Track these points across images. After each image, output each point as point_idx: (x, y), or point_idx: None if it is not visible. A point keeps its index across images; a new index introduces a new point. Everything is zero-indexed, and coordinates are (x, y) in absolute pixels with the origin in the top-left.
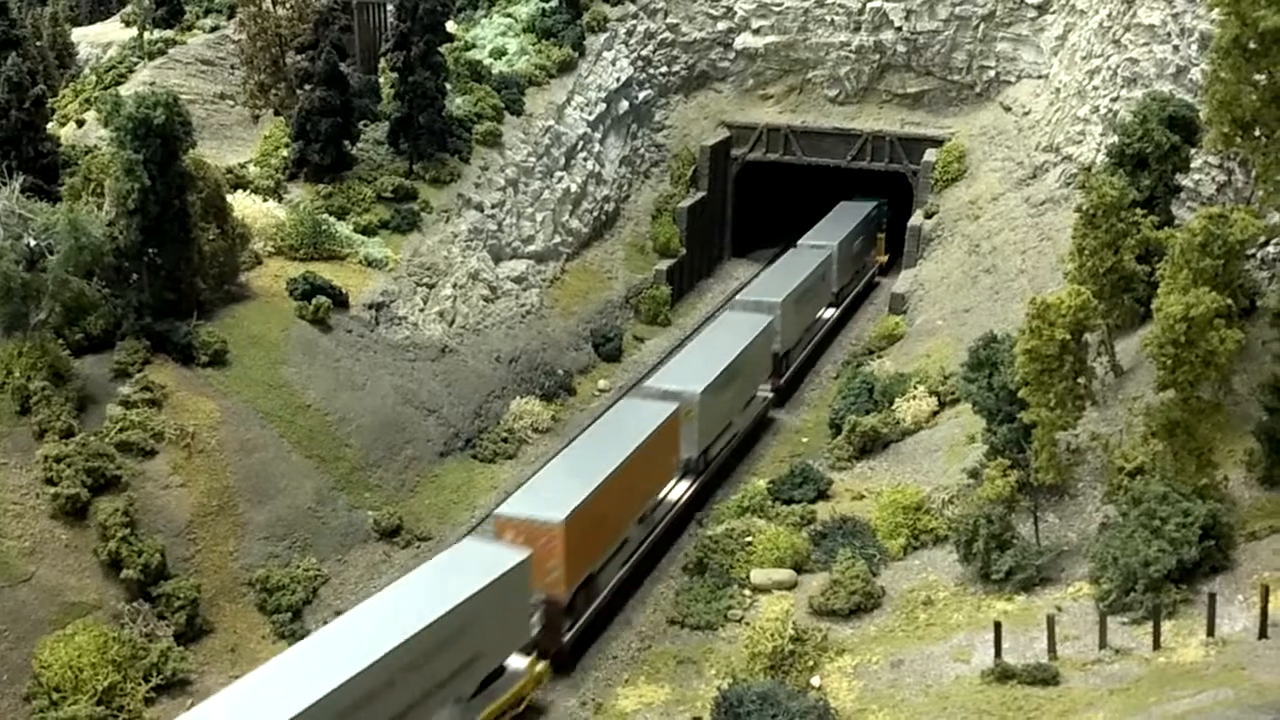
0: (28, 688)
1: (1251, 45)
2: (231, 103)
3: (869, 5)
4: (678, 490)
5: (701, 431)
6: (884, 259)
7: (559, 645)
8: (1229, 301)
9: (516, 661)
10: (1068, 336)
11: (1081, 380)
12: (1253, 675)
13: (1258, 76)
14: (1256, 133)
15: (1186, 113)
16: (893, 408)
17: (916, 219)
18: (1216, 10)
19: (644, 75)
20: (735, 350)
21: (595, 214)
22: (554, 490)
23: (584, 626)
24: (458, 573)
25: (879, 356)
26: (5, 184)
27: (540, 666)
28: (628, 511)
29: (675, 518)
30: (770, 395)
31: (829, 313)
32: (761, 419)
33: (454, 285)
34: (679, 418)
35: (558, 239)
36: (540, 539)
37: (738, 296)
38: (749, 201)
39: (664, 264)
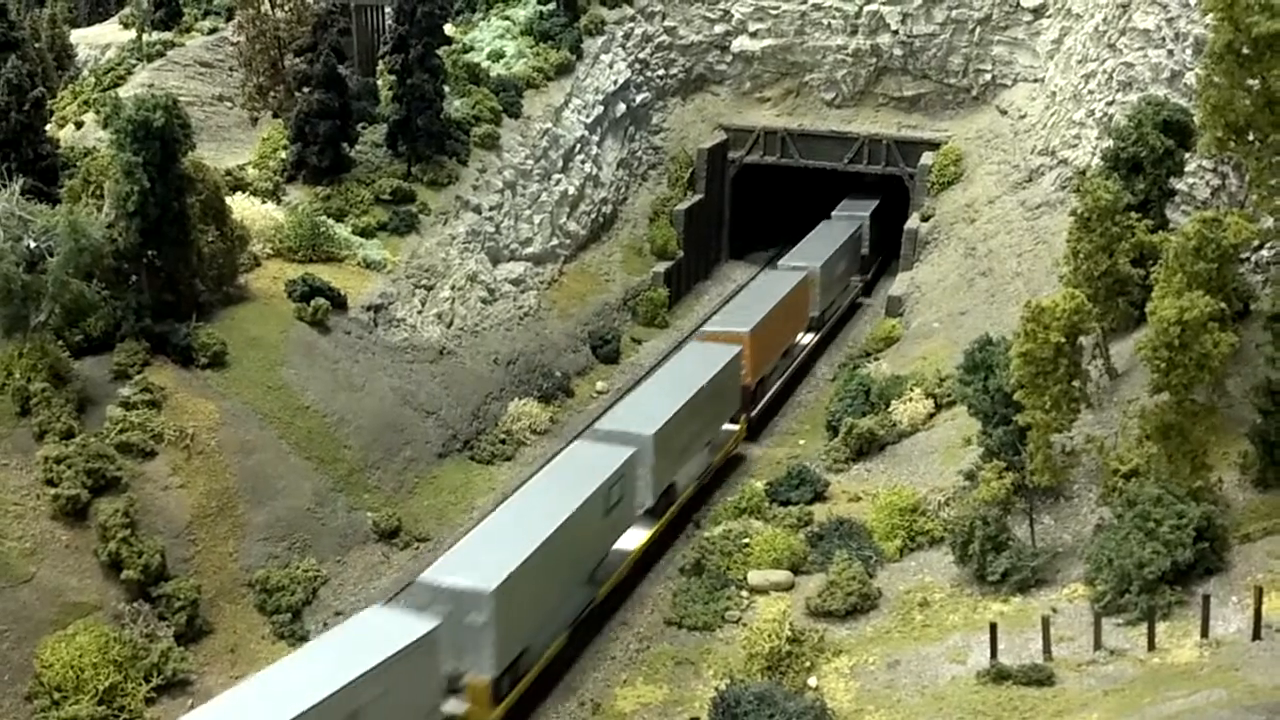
0: (29, 687)
1: (1245, 50)
2: (230, 105)
3: (865, 9)
4: (806, 338)
5: (821, 297)
6: None
7: (750, 418)
8: (1222, 305)
9: (729, 425)
10: (1062, 339)
11: (1076, 383)
12: (1246, 676)
13: (1251, 81)
14: (1250, 137)
15: (1181, 117)
16: (889, 410)
17: (913, 222)
18: (1210, 15)
19: (641, 78)
20: (839, 242)
21: (593, 216)
22: (738, 313)
23: (760, 410)
24: (703, 358)
25: (876, 359)
26: (5, 186)
27: (743, 427)
28: (780, 341)
29: (805, 358)
30: (860, 285)
31: None
32: (855, 301)
33: (452, 287)
34: (806, 284)
35: (555, 241)
36: (734, 343)
37: (833, 212)
38: (746, 204)
39: (661, 266)
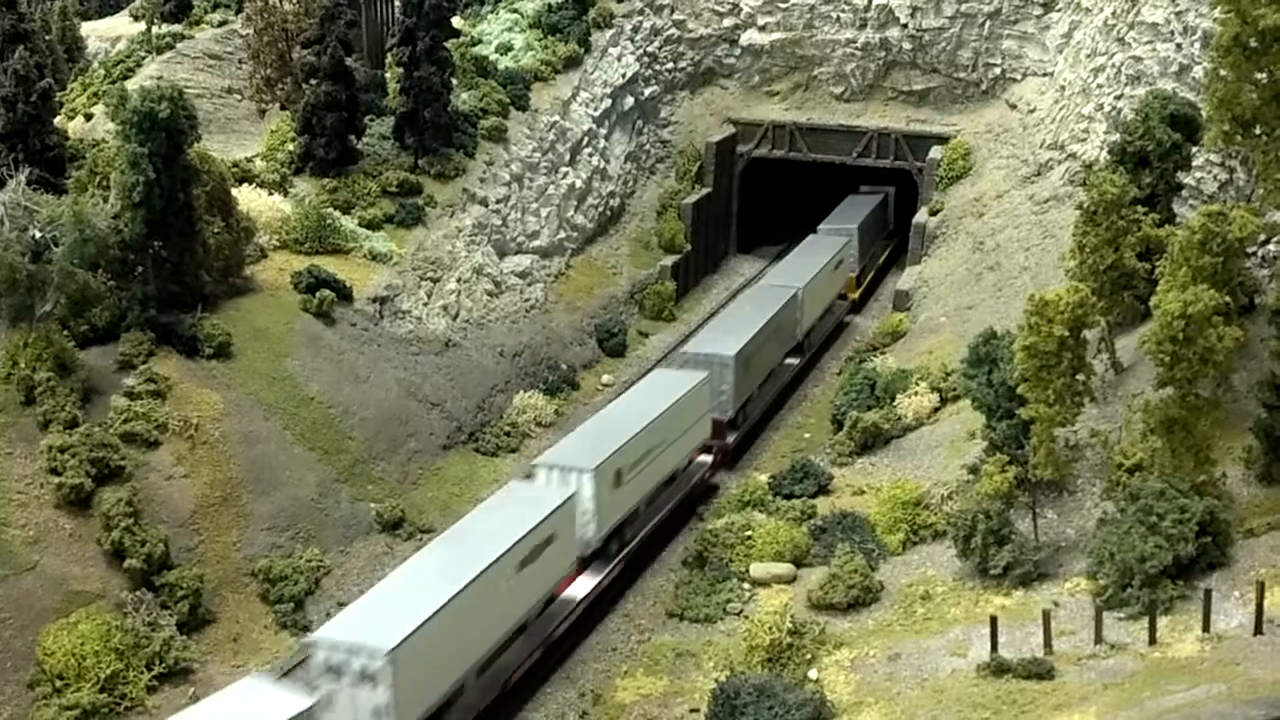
0: (31, 675)
1: (1252, 43)
2: (239, 97)
3: (875, 2)
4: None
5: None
6: None
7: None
8: (1227, 299)
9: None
10: (1066, 333)
11: (1080, 377)
12: (1246, 671)
13: (1258, 75)
14: (1257, 131)
15: (1188, 110)
16: (894, 404)
17: (921, 216)
18: (1218, 8)
19: (650, 71)
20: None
21: (600, 210)
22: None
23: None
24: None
25: (882, 353)
26: (12, 177)
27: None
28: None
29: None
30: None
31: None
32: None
33: (458, 280)
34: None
35: (562, 234)
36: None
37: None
38: (754, 198)
39: (669, 260)
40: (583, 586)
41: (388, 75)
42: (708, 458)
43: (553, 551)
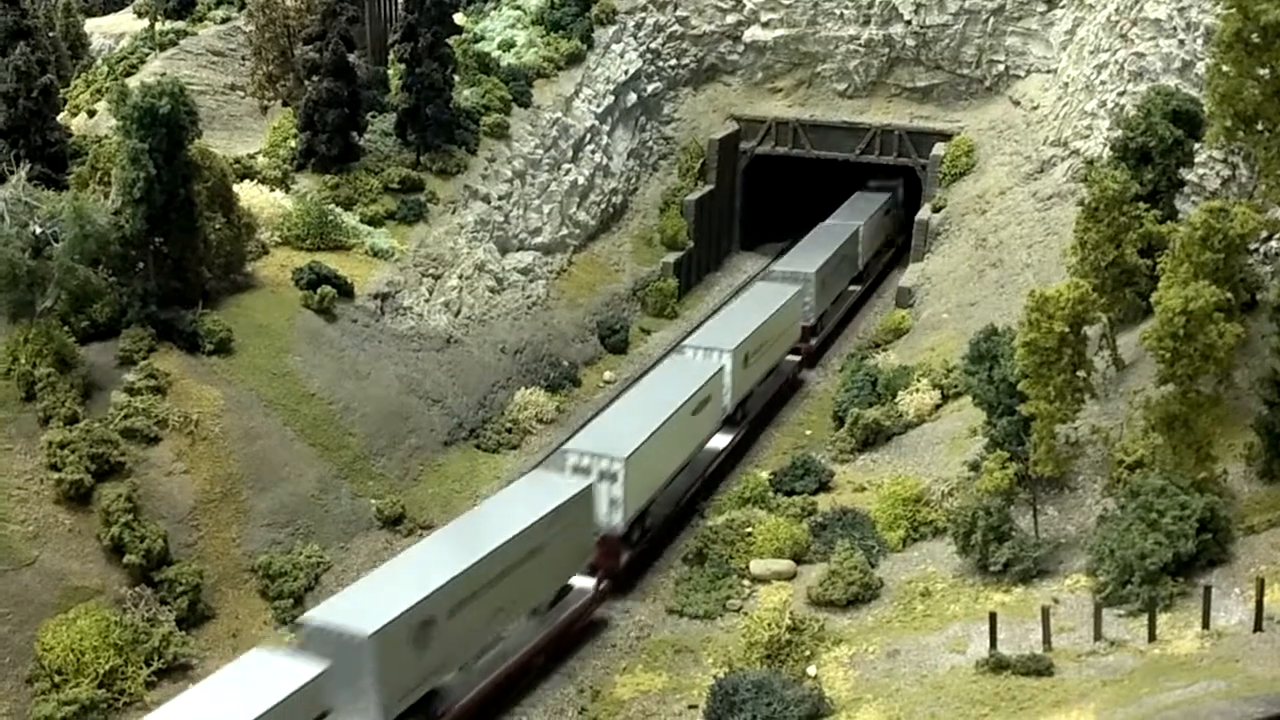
0: (30, 670)
1: (1254, 39)
2: (242, 94)
3: None
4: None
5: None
6: None
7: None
8: (1228, 295)
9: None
10: (1066, 329)
11: (1081, 373)
12: (1245, 667)
13: (1260, 70)
14: (1259, 127)
15: (1190, 107)
16: (896, 401)
17: (924, 213)
18: (1220, 4)
19: (653, 68)
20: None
21: (602, 206)
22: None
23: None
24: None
25: (883, 350)
26: (13, 172)
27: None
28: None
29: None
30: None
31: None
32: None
33: (460, 276)
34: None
35: (564, 231)
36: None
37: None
38: (757, 195)
39: (671, 257)
40: (719, 442)
41: (390, 72)
42: (795, 357)
43: (709, 409)
